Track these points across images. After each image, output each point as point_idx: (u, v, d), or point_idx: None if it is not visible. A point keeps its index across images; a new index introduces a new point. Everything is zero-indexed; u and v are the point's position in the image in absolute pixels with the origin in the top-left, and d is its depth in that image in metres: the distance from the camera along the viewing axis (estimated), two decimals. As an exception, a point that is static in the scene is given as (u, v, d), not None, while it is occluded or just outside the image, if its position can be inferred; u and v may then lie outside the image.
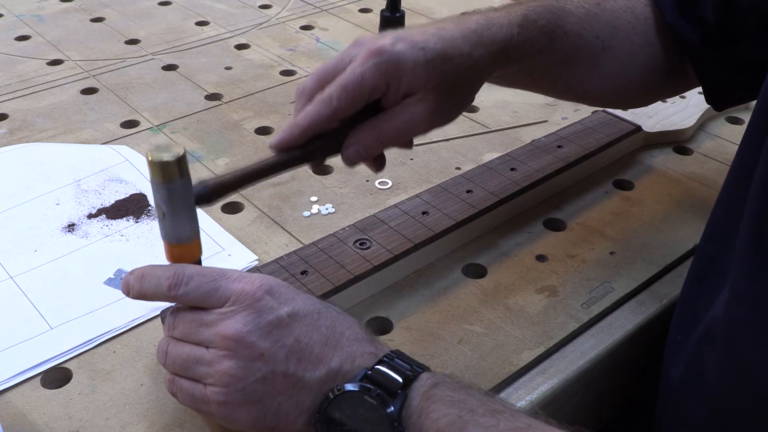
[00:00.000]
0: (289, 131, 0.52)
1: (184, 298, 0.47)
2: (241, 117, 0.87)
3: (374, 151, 0.55)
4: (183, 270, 0.48)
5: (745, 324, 0.50)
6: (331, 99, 0.51)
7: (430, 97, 0.53)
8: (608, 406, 0.67)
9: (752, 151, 0.50)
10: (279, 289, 0.47)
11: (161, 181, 0.46)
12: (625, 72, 0.65)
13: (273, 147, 0.53)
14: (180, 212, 0.47)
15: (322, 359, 0.46)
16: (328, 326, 0.47)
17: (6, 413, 0.52)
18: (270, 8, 1.16)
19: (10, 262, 0.65)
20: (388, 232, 0.64)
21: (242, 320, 0.45)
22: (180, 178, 0.46)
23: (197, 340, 0.47)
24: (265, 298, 0.46)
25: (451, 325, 0.59)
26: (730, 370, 0.52)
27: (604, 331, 0.60)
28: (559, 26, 0.60)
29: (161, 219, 0.47)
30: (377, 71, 0.51)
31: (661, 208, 0.73)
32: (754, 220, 0.48)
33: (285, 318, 0.46)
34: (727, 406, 0.52)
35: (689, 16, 0.63)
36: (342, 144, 0.54)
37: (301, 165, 0.54)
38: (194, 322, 0.47)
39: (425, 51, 0.52)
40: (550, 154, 0.75)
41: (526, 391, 0.55)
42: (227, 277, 0.47)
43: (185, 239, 0.48)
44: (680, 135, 0.83)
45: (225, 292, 0.47)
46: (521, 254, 0.67)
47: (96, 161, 0.78)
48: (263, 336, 0.45)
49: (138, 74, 0.96)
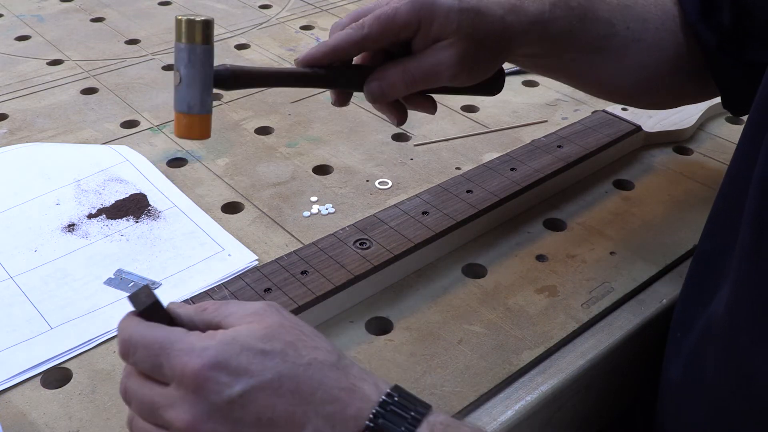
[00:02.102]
0: (316, 48, 0.54)
1: (136, 367, 0.43)
2: (241, 117, 0.87)
3: (397, 90, 0.55)
4: (129, 339, 0.42)
5: (743, 322, 0.50)
6: (363, 26, 0.53)
7: (459, 45, 0.54)
8: (608, 406, 0.67)
9: (751, 148, 0.50)
10: (230, 360, 0.40)
11: (184, 41, 0.47)
12: (654, 67, 0.65)
13: (299, 62, 0.54)
14: (196, 79, 0.47)
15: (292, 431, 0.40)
16: (292, 392, 0.40)
17: (6, 413, 0.52)
18: (270, 8, 1.16)
19: (10, 262, 0.65)
20: (388, 232, 0.64)
21: (190, 409, 0.40)
22: (203, 42, 0.47)
23: (154, 422, 0.42)
24: (211, 376, 0.40)
25: (451, 325, 0.59)
26: (729, 369, 0.52)
27: (604, 331, 0.60)
28: (591, 10, 0.61)
29: (176, 86, 0.48)
30: (412, 9, 0.53)
31: (661, 208, 0.73)
32: (753, 218, 0.48)
33: (237, 399, 0.39)
34: (726, 404, 0.52)
35: (710, 19, 0.63)
36: (366, 80, 0.55)
37: (322, 86, 0.56)
38: (145, 403, 0.42)
39: (461, 1, 0.54)
40: (550, 154, 0.75)
41: (526, 391, 0.55)
42: (170, 350, 0.41)
43: (196, 109, 0.48)
44: (680, 135, 0.83)
45: (167, 371, 0.41)
46: (521, 254, 0.67)
47: (96, 161, 0.78)
48: (219, 422, 0.40)
49: (138, 74, 0.96)
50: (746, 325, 0.49)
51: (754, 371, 0.48)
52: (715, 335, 0.53)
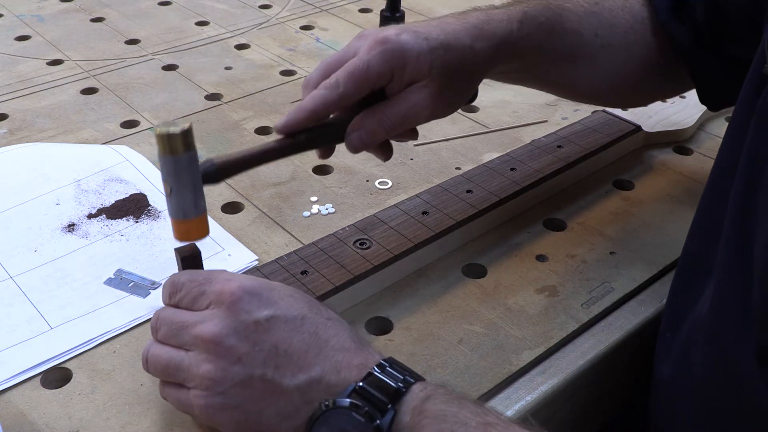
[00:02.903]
0: (295, 114, 0.53)
1: (180, 305, 0.48)
2: (241, 117, 0.87)
3: (378, 137, 0.55)
4: (177, 278, 0.49)
5: (728, 322, 0.50)
6: (338, 84, 0.52)
7: (433, 84, 0.54)
8: (608, 405, 0.67)
9: (735, 146, 0.51)
10: (263, 291, 0.47)
11: (167, 154, 0.46)
12: (623, 69, 0.66)
13: (279, 130, 0.53)
14: (186, 186, 0.47)
15: (302, 366, 0.45)
16: (311, 333, 0.46)
17: (6, 413, 0.52)
18: (270, 8, 1.16)
19: (10, 262, 0.65)
20: (388, 232, 0.64)
21: (220, 323, 0.45)
22: (186, 151, 0.46)
23: (178, 343, 0.47)
24: (244, 299, 0.45)
25: (451, 325, 0.59)
26: (716, 369, 0.52)
27: (604, 331, 0.60)
28: (559, 23, 0.61)
29: (168, 195, 0.48)
30: (383, 59, 0.52)
31: (661, 208, 0.73)
32: (736, 217, 0.48)
33: (263, 322, 0.45)
34: (717, 404, 0.52)
35: (682, 16, 0.63)
36: (346, 132, 0.55)
37: (305, 150, 0.55)
38: (174, 324, 0.47)
39: (429, 41, 0.54)
40: (550, 154, 0.75)
41: (526, 391, 0.55)
42: (214, 279, 0.47)
43: (191, 214, 0.48)
44: (680, 135, 0.83)
45: (208, 295, 0.47)
46: (521, 254, 0.67)
47: (96, 161, 0.78)
48: (241, 339, 0.44)
49: (138, 74, 0.96)
50: (730, 324, 0.49)
51: (740, 371, 0.48)
52: (701, 335, 0.54)
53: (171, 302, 0.49)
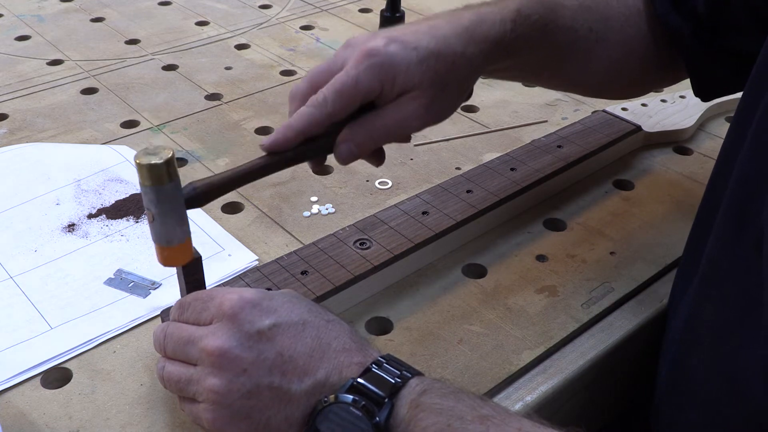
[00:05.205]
0: (282, 133, 0.51)
1: (187, 322, 0.49)
2: (241, 117, 0.87)
3: (367, 149, 0.54)
4: (185, 299, 0.50)
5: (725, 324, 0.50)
6: (326, 102, 0.51)
7: (424, 95, 0.53)
8: (608, 406, 0.67)
9: (734, 146, 0.51)
10: (263, 300, 0.47)
11: (150, 184, 0.45)
12: (619, 63, 0.65)
13: (265, 149, 0.52)
14: (169, 214, 0.46)
15: (308, 371, 0.45)
16: (313, 337, 0.46)
17: (6, 413, 0.52)
18: (270, 8, 1.16)
19: (10, 262, 0.65)
20: (388, 232, 0.64)
21: (223, 335, 0.45)
22: (169, 180, 0.45)
23: (186, 358, 0.47)
24: (245, 310, 0.46)
25: (451, 325, 0.59)
26: (716, 372, 0.52)
27: (604, 331, 0.60)
28: (553, 20, 0.60)
29: (151, 222, 0.47)
30: (371, 73, 0.51)
31: (661, 208, 0.73)
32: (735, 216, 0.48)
33: (266, 330, 0.45)
34: (716, 406, 0.52)
35: (681, 8, 0.63)
36: (334, 144, 0.53)
37: (292, 165, 0.54)
38: (181, 339, 0.48)
39: (418, 51, 0.52)
40: (550, 154, 0.75)
41: (526, 391, 0.55)
42: (216, 295, 0.48)
43: (175, 241, 0.48)
44: (680, 135, 0.83)
45: (211, 310, 0.47)
46: (521, 254, 0.67)
47: (96, 161, 0.78)
48: (245, 349, 0.45)
49: (138, 74, 0.96)
50: (732, 330, 0.49)
51: (738, 373, 0.48)
52: (699, 337, 0.53)
53: (180, 317, 0.50)
